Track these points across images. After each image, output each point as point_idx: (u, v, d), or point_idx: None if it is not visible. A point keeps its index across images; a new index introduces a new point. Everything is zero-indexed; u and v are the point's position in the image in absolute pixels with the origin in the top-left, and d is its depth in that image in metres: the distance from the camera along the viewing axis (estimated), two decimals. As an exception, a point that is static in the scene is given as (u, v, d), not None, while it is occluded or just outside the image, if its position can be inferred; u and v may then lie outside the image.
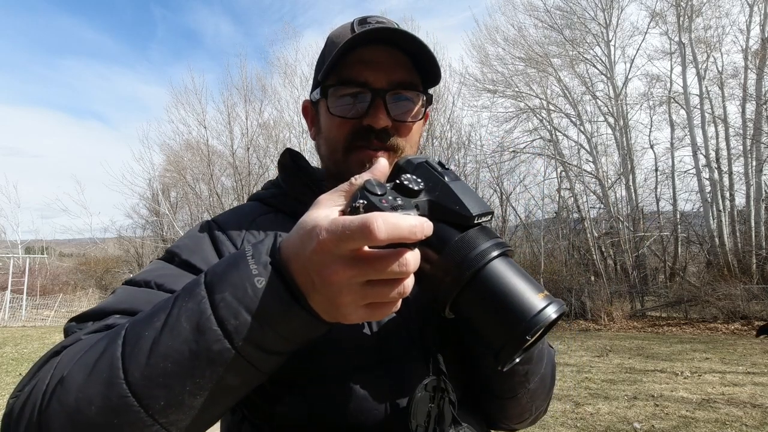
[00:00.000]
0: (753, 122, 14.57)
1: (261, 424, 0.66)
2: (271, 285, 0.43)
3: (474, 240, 0.47)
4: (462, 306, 0.47)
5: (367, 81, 0.69)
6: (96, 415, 0.42)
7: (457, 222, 0.48)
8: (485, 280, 0.45)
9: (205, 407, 0.44)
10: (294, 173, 0.77)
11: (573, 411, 4.94)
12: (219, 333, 0.42)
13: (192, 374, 0.42)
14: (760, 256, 13.75)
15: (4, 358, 8.62)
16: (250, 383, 0.47)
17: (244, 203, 0.80)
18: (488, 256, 0.46)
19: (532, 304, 0.43)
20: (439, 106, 17.78)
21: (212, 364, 0.43)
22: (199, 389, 0.43)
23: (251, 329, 0.43)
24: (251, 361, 0.44)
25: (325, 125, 0.75)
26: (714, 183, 14.84)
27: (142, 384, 0.42)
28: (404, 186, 0.48)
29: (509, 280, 0.45)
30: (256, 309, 0.43)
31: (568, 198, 18.34)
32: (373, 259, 0.41)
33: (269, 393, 0.64)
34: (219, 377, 0.43)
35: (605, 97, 17.34)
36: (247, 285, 0.43)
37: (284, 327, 0.44)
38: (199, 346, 0.42)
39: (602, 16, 17.10)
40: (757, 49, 14.58)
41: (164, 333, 0.43)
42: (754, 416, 4.62)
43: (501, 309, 0.44)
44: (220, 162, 21.36)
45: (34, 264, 21.01)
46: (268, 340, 0.44)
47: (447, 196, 0.49)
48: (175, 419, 0.43)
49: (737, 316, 11.38)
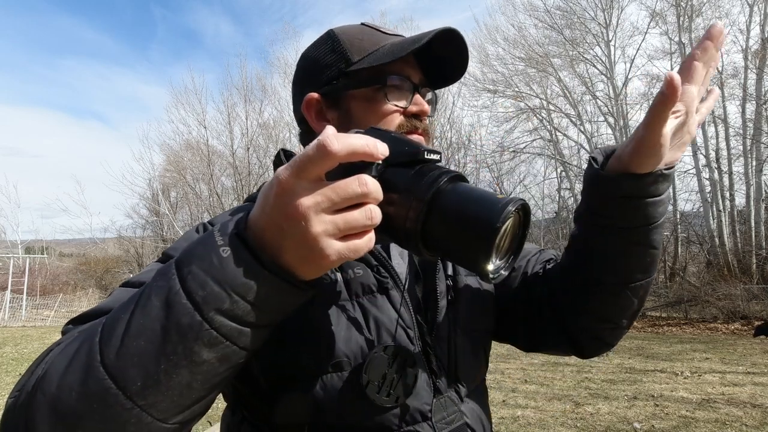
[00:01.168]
0: (753, 122, 14.58)
1: (260, 424, 0.66)
2: (236, 252, 0.43)
3: (427, 170, 0.48)
4: (431, 236, 0.47)
5: (409, 75, 0.75)
6: (77, 402, 0.42)
7: (409, 161, 0.49)
8: (443, 201, 0.46)
9: (183, 388, 0.43)
10: None
11: (573, 411, 4.94)
12: (188, 305, 0.42)
13: (165, 351, 0.42)
14: (760, 256, 13.75)
15: (4, 358, 8.62)
16: (228, 360, 0.45)
17: (241, 204, 0.81)
18: (441, 179, 0.47)
19: (492, 204, 0.44)
20: (439, 106, 17.69)
21: (184, 339, 0.42)
22: (174, 367, 0.42)
23: (219, 299, 0.42)
24: (224, 334, 0.43)
25: (371, 114, 0.74)
26: (714, 183, 14.84)
27: (117, 365, 0.42)
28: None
29: (465, 195, 0.46)
30: (222, 278, 0.42)
31: (568, 198, 18.35)
32: (335, 184, 0.42)
33: (267, 393, 0.64)
34: (192, 352, 0.42)
35: (605, 97, 17.35)
36: (213, 256, 0.43)
37: (254, 294, 0.43)
38: (169, 321, 0.42)
39: (602, 16, 17.11)
40: (757, 49, 14.58)
41: (136, 312, 0.43)
42: (754, 416, 4.62)
43: (464, 221, 0.45)
44: (220, 162, 21.38)
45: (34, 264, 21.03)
46: (239, 310, 0.43)
47: (397, 142, 0.50)
48: (153, 401, 0.42)
49: (737, 316, 11.37)
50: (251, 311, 0.43)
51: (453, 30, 0.72)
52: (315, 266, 0.44)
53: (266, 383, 0.64)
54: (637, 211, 0.64)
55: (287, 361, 0.63)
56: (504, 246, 0.48)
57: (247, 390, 0.67)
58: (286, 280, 0.44)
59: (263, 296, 0.43)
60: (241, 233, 0.44)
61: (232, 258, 0.43)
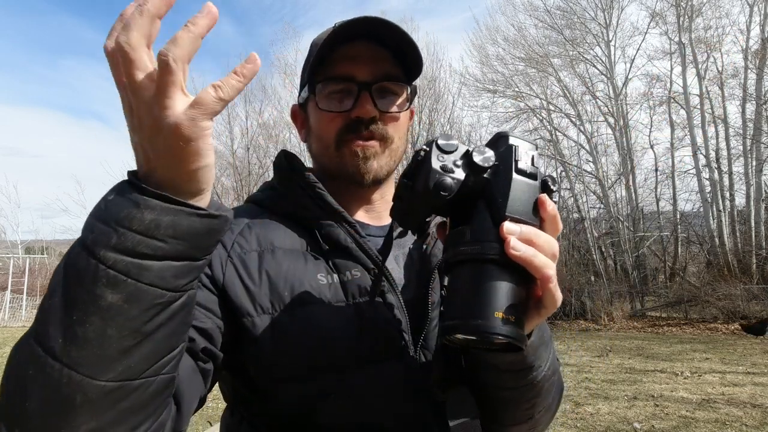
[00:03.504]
0: (753, 122, 14.58)
1: (259, 424, 0.66)
2: (119, 190, 0.44)
3: (492, 235, 0.49)
4: (454, 271, 0.51)
5: (353, 75, 0.72)
6: (16, 370, 0.44)
7: (493, 213, 0.50)
8: (471, 270, 0.49)
9: (100, 337, 0.42)
10: (288, 175, 0.77)
11: (573, 411, 4.94)
12: (81, 251, 0.43)
13: (73, 301, 0.42)
14: (760, 256, 13.75)
15: (4, 358, 8.61)
16: (139, 300, 0.42)
17: (241, 205, 0.81)
18: (500, 253, 0.48)
19: (489, 315, 0.46)
20: (439, 106, 17.79)
21: (83, 283, 0.42)
22: (84, 314, 0.41)
23: (106, 235, 0.42)
24: (120, 270, 0.42)
25: (315, 122, 0.76)
26: (714, 183, 14.84)
27: (40, 328, 0.43)
28: (471, 158, 0.52)
29: (493, 284, 0.48)
30: (106, 216, 0.43)
31: (568, 198, 18.35)
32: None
33: (265, 393, 0.64)
34: (96, 296, 0.41)
35: (605, 97, 17.35)
36: (101, 202, 0.45)
37: (138, 223, 0.42)
38: (68, 271, 0.43)
39: (602, 16, 17.11)
40: (757, 49, 14.58)
41: (53, 275, 0.45)
42: (754, 416, 4.62)
43: (464, 299, 0.48)
44: (220, 162, 21.34)
45: (34, 264, 21.01)
46: (129, 242, 0.42)
47: (501, 185, 0.51)
48: (77, 357, 0.41)
49: (737, 316, 11.37)
50: (142, 240, 0.42)
51: (366, 18, 0.69)
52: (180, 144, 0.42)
53: (264, 384, 0.64)
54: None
55: (284, 362, 0.63)
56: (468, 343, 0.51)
57: (246, 390, 0.67)
58: (162, 199, 0.43)
59: (148, 221, 0.42)
60: (129, 177, 0.46)
61: (116, 196, 0.44)
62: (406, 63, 0.75)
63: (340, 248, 0.70)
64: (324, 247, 0.70)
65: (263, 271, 0.66)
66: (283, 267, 0.67)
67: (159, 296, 0.44)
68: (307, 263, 0.68)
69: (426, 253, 0.75)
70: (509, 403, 0.66)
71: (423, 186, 0.52)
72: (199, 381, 0.59)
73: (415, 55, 0.73)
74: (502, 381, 0.63)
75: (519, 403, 0.66)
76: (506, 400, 0.66)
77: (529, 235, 0.49)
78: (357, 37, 0.71)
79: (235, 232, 0.71)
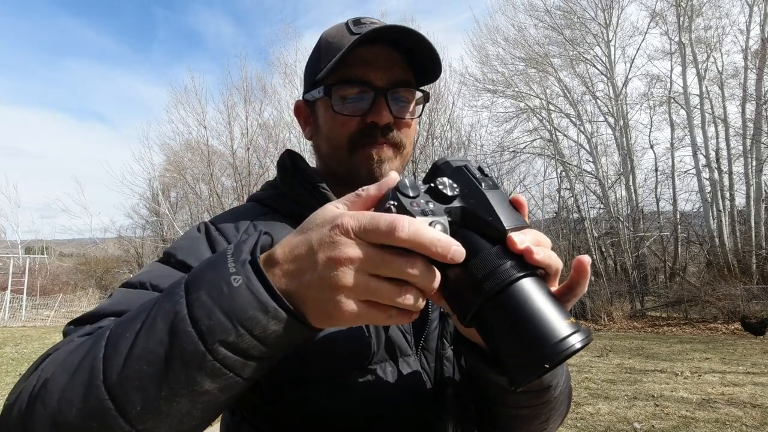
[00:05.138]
0: (753, 122, 14.57)
1: (260, 424, 0.66)
2: (249, 283, 0.41)
3: (505, 254, 0.44)
4: (482, 320, 0.45)
5: (370, 80, 0.71)
6: (76, 418, 0.41)
7: (488, 233, 0.46)
8: (511, 297, 0.43)
9: (183, 415, 0.42)
10: (292, 174, 0.77)
11: (573, 411, 4.94)
12: (193, 334, 0.40)
13: (167, 378, 0.40)
14: (760, 256, 13.75)
15: (4, 358, 8.61)
16: (230, 390, 0.43)
17: (242, 204, 0.81)
18: (518, 273, 0.43)
19: (557, 329, 0.41)
20: (439, 106, 17.78)
21: (186, 368, 0.40)
22: (175, 395, 0.41)
23: (225, 330, 0.40)
24: (227, 366, 0.41)
25: (326, 124, 0.75)
26: (714, 183, 14.84)
27: (119, 386, 0.41)
28: (438, 190, 0.47)
29: (536, 299, 0.43)
30: (230, 308, 0.41)
31: (568, 198, 18.35)
32: (387, 252, 0.40)
33: (267, 393, 0.64)
34: (194, 382, 0.41)
35: (605, 97, 17.34)
36: (223, 284, 0.42)
37: (261, 329, 0.41)
38: (173, 347, 0.41)
39: (602, 16, 17.10)
40: (757, 49, 14.58)
41: (141, 334, 0.42)
42: (754, 416, 4.62)
43: (523, 330, 0.42)
44: (220, 162, 21.36)
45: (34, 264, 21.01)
46: (245, 344, 0.41)
47: (482, 205, 0.47)
48: (152, 426, 0.41)
49: (737, 316, 11.36)
50: (257, 345, 0.41)
51: (395, 27, 0.68)
52: (325, 316, 0.42)
53: (267, 385, 0.64)
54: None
55: (286, 363, 0.62)
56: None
57: (246, 391, 0.67)
58: (296, 318, 0.42)
59: (270, 332, 0.41)
60: (256, 262, 0.42)
61: (243, 288, 0.41)
62: (420, 67, 0.75)
63: None
64: None
65: None
66: None
67: (246, 385, 0.45)
68: None
69: None
70: (525, 419, 0.66)
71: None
72: None
73: (434, 59, 0.72)
74: (519, 402, 0.63)
75: (536, 419, 0.66)
76: (522, 417, 0.66)
77: (535, 237, 0.47)
78: (373, 40, 0.71)
79: (240, 230, 0.71)
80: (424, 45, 0.70)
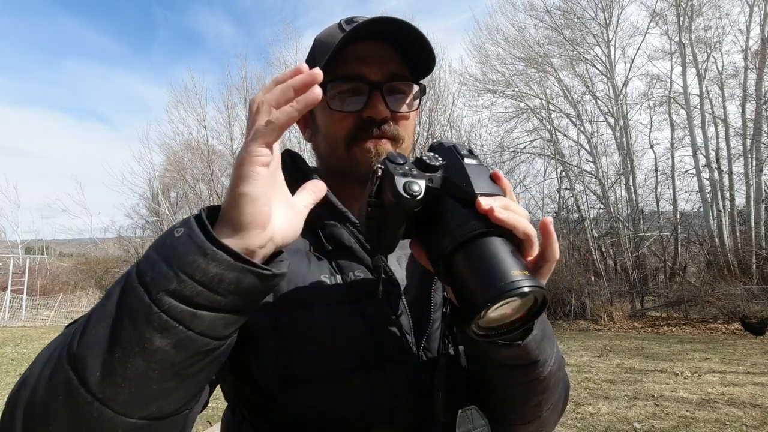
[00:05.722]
0: (753, 122, 14.56)
1: (261, 425, 0.66)
2: (190, 232, 0.42)
3: (473, 214, 0.50)
4: (450, 266, 0.51)
5: (364, 75, 0.71)
6: (46, 394, 0.42)
7: (463, 198, 0.52)
8: (475, 247, 0.49)
9: (140, 378, 0.41)
10: (292, 174, 0.77)
11: (573, 411, 4.94)
12: (138, 288, 0.41)
13: (118, 338, 0.40)
14: (760, 256, 13.74)
15: (4, 358, 8.61)
16: (186, 347, 0.42)
17: None
18: (483, 228, 0.49)
19: (508, 273, 0.45)
20: (439, 106, 17.77)
21: (135, 323, 0.40)
22: (128, 355, 0.40)
23: (167, 278, 0.41)
24: (174, 317, 0.41)
25: (323, 122, 0.75)
26: (714, 183, 14.83)
27: (78, 355, 0.41)
28: (423, 161, 0.55)
29: (495, 251, 0.48)
30: (171, 257, 0.42)
31: (568, 198, 18.34)
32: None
33: (266, 393, 0.64)
34: (144, 338, 0.40)
35: (605, 97, 17.32)
36: (167, 238, 0.43)
37: (201, 273, 0.41)
38: (122, 305, 0.41)
39: (602, 16, 17.08)
40: (757, 49, 14.57)
41: (101, 301, 0.44)
42: (754, 416, 4.62)
43: (480, 272, 0.47)
44: (220, 162, 21.35)
45: (34, 264, 21.01)
46: (188, 291, 0.41)
47: (459, 174, 0.53)
48: (111, 393, 0.40)
49: (737, 316, 11.36)
50: (202, 292, 0.41)
51: (383, 18, 0.68)
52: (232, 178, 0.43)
53: (267, 384, 0.64)
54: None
55: (287, 363, 0.63)
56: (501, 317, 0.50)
57: (248, 390, 0.67)
58: (235, 257, 0.42)
59: (212, 275, 0.41)
60: (200, 215, 0.44)
61: (184, 237, 0.42)
62: (415, 61, 0.74)
63: (343, 248, 0.70)
64: (327, 248, 0.70)
65: None
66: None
67: (206, 344, 0.43)
68: (310, 263, 0.68)
69: None
70: (517, 400, 0.66)
71: (392, 195, 0.52)
72: (206, 388, 0.59)
73: (428, 51, 0.72)
74: (509, 378, 0.63)
75: (527, 400, 0.66)
76: (514, 397, 0.66)
77: (503, 202, 0.51)
78: (366, 36, 0.71)
79: None
80: (413, 34, 0.70)
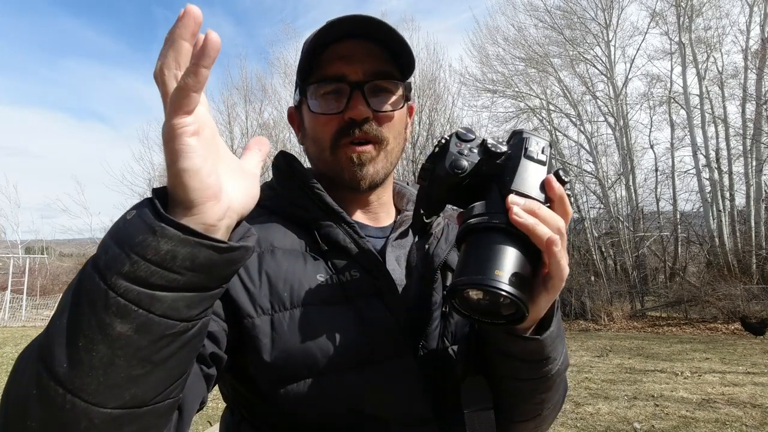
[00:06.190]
0: (753, 122, 14.56)
1: (259, 424, 0.66)
2: (140, 213, 0.41)
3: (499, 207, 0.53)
4: (461, 244, 0.55)
5: (344, 75, 0.70)
6: (20, 388, 0.42)
7: (500, 188, 0.55)
8: (483, 235, 0.53)
9: (107, 366, 0.40)
10: (287, 176, 0.77)
11: (573, 411, 4.94)
12: (93, 273, 0.40)
13: (80, 325, 0.40)
14: (760, 256, 13.75)
15: (4, 358, 8.61)
16: (150, 331, 0.40)
17: None
18: (496, 223, 0.52)
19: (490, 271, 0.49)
20: (439, 106, 17.79)
21: (94, 309, 0.39)
22: (91, 342, 0.39)
23: (120, 261, 0.40)
24: (131, 300, 0.39)
25: (309, 126, 0.76)
26: (714, 183, 14.83)
27: (45, 346, 0.41)
28: (487, 146, 0.58)
29: (495, 246, 0.51)
30: (122, 239, 0.41)
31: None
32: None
33: (265, 393, 0.64)
34: (104, 324, 0.39)
35: (605, 97, 17.33)
36: (121, 222, 0.42)
37: (154, 253, 0.40)
38: (80, 292, 0.41)
39: (602, 16, 17.09)
40: (757, 49, 14.58)
41: (65, 291, 0.43)
42: (754, 416, 4.62)
43: (474, 258, 0.52)
44: (220, 162, 21.31)
45: (34, 264, 21.01)
46: (142, 271, 0.39)
47: (511, 167, 0.56)
48: (81, 384, 0.39)
49: (737, 316, 11.36)
50: (157, 271, 0.40)
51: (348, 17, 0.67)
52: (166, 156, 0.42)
53: (264, 384, 0.64)
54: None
55: (284, 363, 0.63)
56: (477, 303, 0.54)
57: (246, 391, 0.67)
58: (184, 230, 0.40)
59: (164, 252, 0.40)
60: (151, 198, 0.43)
61: (135, 218, 0.41)
62: (400, 60, 0.74)
63: (339, 249, 0.70)
64: (323, 248, 0.70)
65: (263, 272, 0.65)
66: (282, 267, 0.66)
67: (171, 327, 0.42)
68: (306, 264, 0.68)
69: (428, 254, 0.75)
70: (522, 395, 0.66)
71: (441, 167, 0.59)
72: (202, 386, 0.59)
73: (406, 52, 0.71)
74: (518, 371, 0.63)
75: (531, 397, 0.66)
76: (519, 392, 0.66)
77: (532, 206, 0.52)
78: (348, 35, 0.70)
79: None
80: (386, 31, 0.69)
